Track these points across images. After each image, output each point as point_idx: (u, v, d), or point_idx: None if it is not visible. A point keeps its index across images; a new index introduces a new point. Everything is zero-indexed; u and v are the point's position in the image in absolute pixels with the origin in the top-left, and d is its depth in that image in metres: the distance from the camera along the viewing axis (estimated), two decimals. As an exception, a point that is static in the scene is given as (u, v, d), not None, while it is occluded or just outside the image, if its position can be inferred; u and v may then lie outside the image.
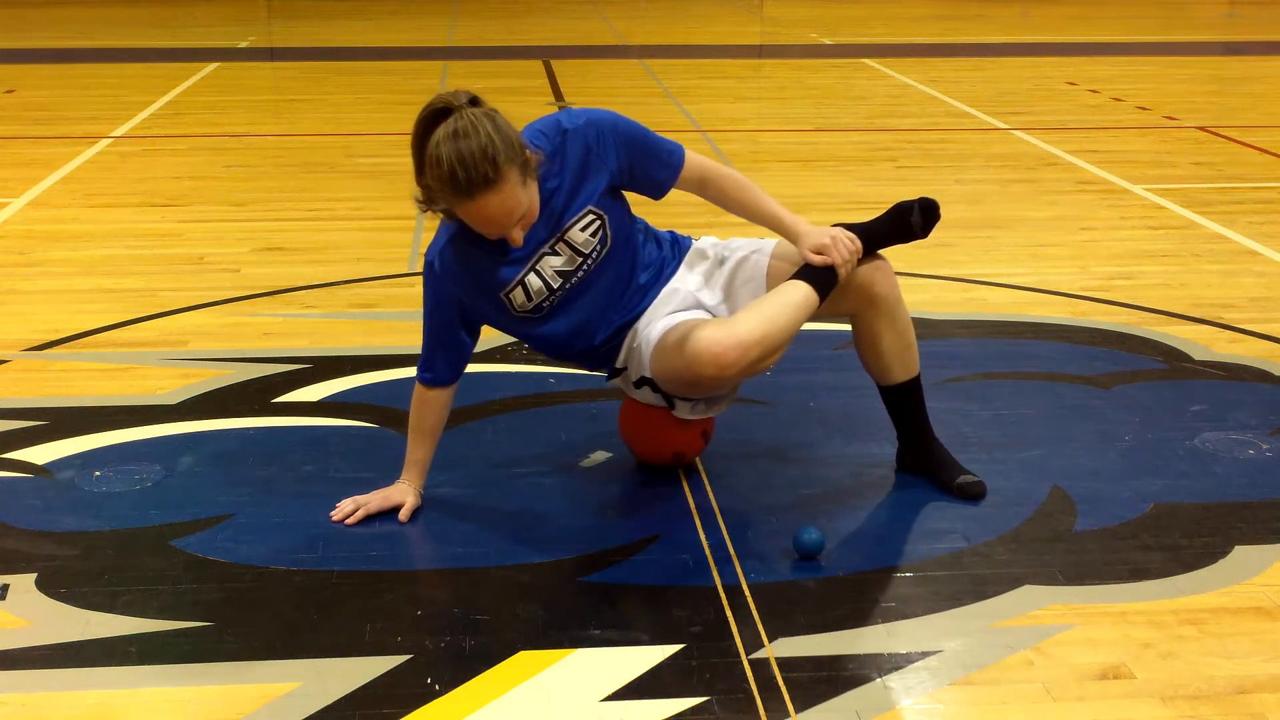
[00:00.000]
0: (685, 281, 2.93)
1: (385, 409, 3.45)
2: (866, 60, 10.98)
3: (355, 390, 3.59)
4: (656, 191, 2.88)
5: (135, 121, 7.96)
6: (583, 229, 2.75)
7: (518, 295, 2.77)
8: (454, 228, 2.74)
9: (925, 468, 3.02)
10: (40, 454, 3.18)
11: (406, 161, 2.68)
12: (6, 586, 2.57)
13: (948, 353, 3.84)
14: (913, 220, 2.96)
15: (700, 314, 2.88)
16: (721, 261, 2.95)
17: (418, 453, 2.91)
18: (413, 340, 3.97)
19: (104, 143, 7.27)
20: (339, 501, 2.87)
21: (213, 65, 10.51)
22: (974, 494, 2.94)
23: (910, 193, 6.01)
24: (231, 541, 2.75)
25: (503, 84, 9.60)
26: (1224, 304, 4.35)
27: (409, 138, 2.63)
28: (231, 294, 4.47)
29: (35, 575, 2.61)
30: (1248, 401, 3.51)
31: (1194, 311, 4.27)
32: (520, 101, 8.77)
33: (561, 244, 2.75)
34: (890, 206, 2.99)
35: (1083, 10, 15.66)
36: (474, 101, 2.61)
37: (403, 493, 2.87)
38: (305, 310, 4.32)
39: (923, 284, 4.60)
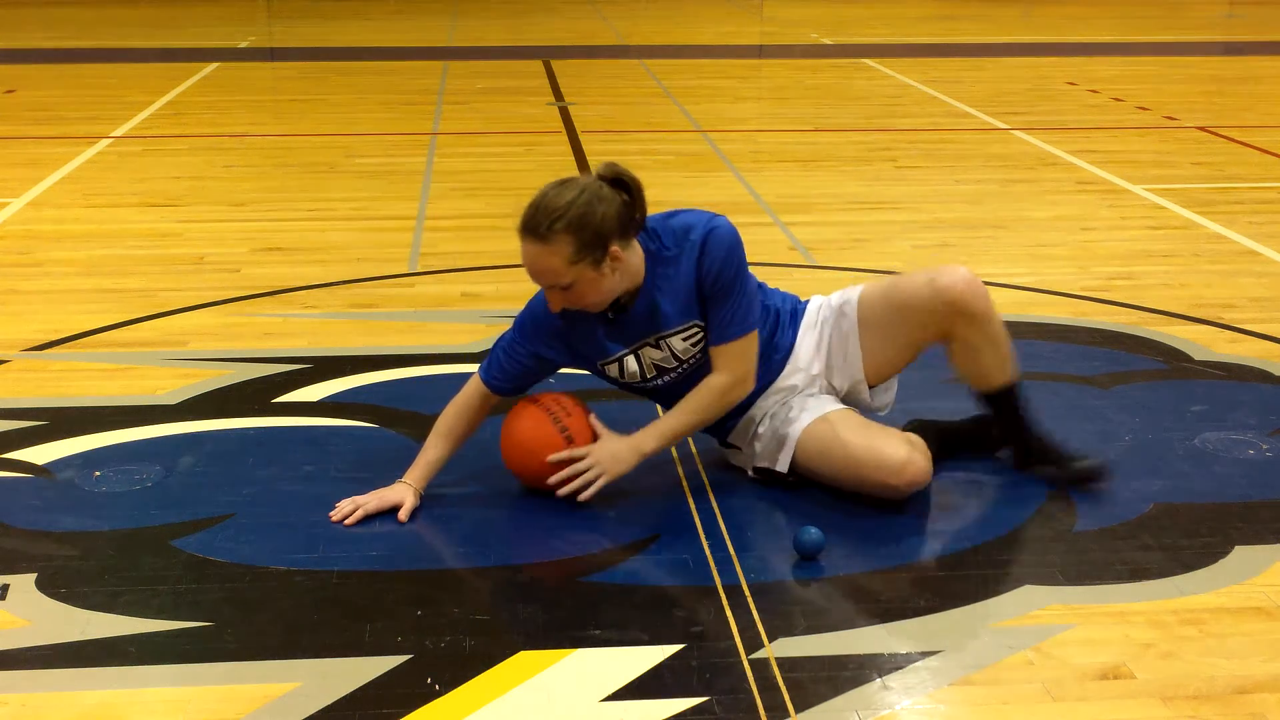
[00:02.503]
0: (799, 358, 2.99)
1: (385, 409, 3.45)
2: (866, 60, 10.98)
3: (355, 390, 3.59)
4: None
5: (135, 121, 7.96)
6: (684, 339, 2.85)
7: (613, 369, 2.92)
8: None
9: (1042, 461, 3.04)
10: (40, 454, 3.18)
11: (406, 161, 2.69)
12: (6, 586, 2.57)
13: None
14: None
15: (832, 403, 2.95)
16: (825, 323, 3.01)
17: (430, 453, 2.91)
18: (413, 340, 3.99)
19: (104, 143, 7.27)
20: (338, 501, 2.87)
21: (213, 65, 10.51)
22: (1094, 477, 2.97)
23: (910, 192, 6.04)
24: (231, 541, 2.74)
25: (503, 84, 9.61)
26: (1224, 304, 4.35)
27: (409, 138, 2.65)
28: (231, 294, 4.47)
29: (35, 575, 2.61)
30: (1248, 401, 3.51)
31: (1194, 311, 4.27)
32: (520, 101, 8.78)
33: (664, 343, 2.86)
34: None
35: (1083, 10, 15.66)
36: (616, 180, 2.71)
37: (401, 493, 2.86)
38: (305, 310, 4.32)
39: (923, 284, 4.59)
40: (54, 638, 2.40)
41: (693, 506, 2.92)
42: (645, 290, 2.80)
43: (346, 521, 2.81)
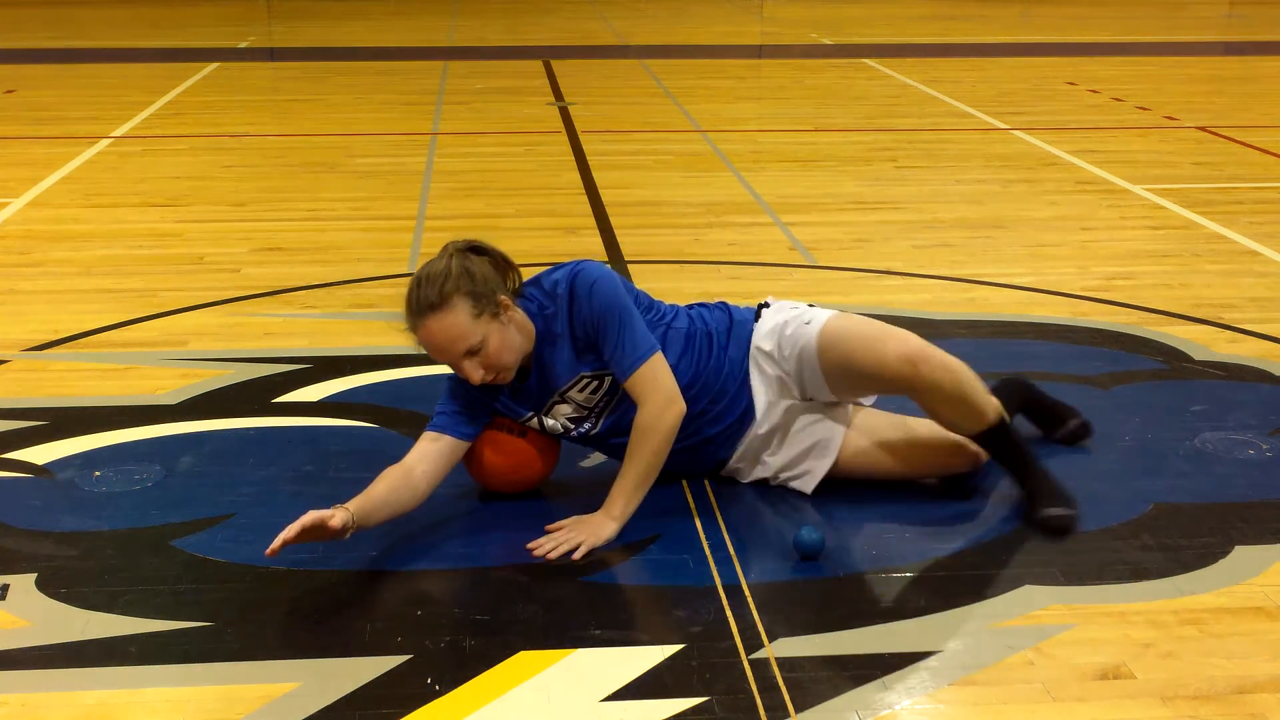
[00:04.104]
0: (759, 407, 2.94)
1: (385, 409, 3.45)
2: (866, 60, 10.98)
3: (355, 390, 3.59)
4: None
5: (135, 121, 7.96)
6: (580, 390, 2.85)
7: (535, 424, 2.92)
8: None
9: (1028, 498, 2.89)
10: (40, 454, 3.18)
11: (406, 161, 2.70)
12: (6, 586, 2.57)
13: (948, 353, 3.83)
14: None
15: (840, 416, 2.96)
16: (784, 359, 2.94)
17: (375, 489, 2.69)
18: (413, 340, 3.98)
19: (104, 143, 7.27)
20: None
21: (213, 65, 10.51)
22: (1056, 529, 2.79)
23: (910, 193, 6.04)
24: (231, 541, 2.74)
25: (503, 84, 9.61)
26: (1224, 304, 4.35)
27: (409, 138, 2.66)
28: (231, 294, 4.47)
29: (35, 575, 2.61)
30: (1248, 401, 3.51)
31: (1194, 311, 4.27)
32: (520, 102, 8.78)
33: (566, 396, 2.87)
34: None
35: (1083, 10, 15.66)
36: (475, 248, 2.77)
37: (331, 511, 2.55)
38: (305, 310, 4.33)
39: (923, 284, 4.60)
40: (54, 638, 2.40)
41: (693, 506, 2.92)
42: (535, 353, 2.82)
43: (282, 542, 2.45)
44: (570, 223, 5.45)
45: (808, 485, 2.95)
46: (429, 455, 2.79)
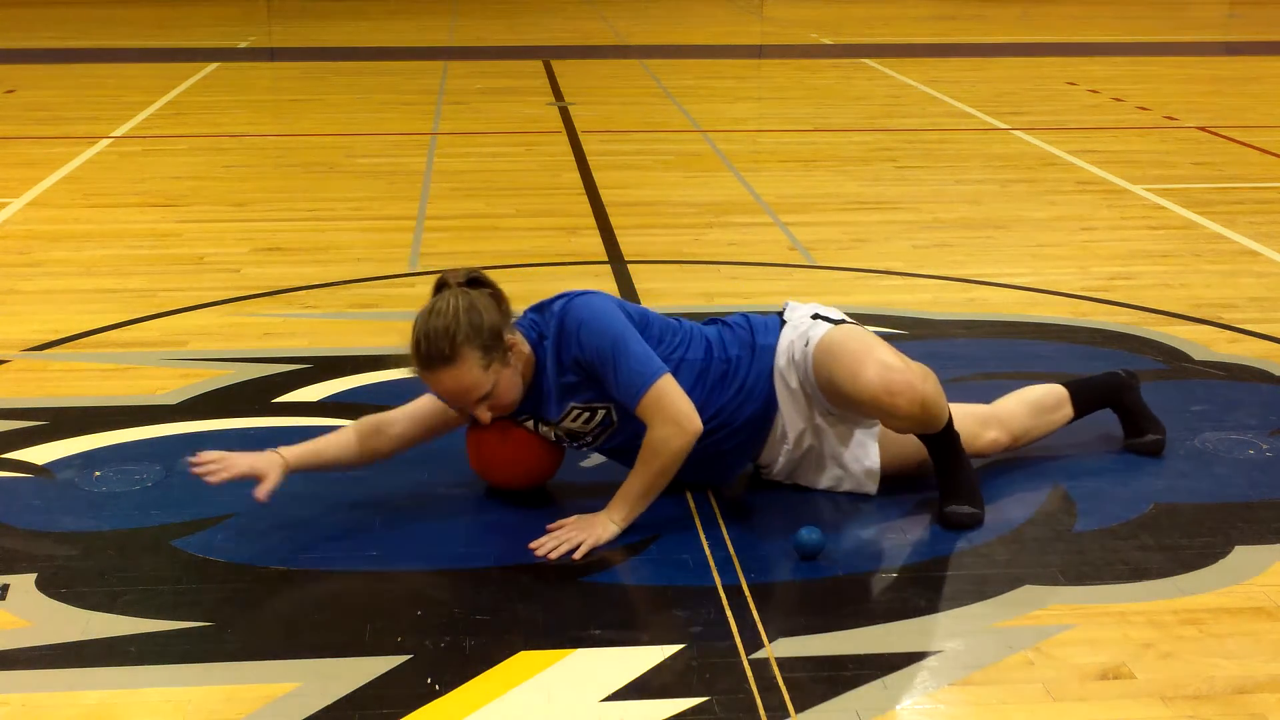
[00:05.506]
0: (788, 428, 2.91)
1: (385, 409, 3.44)
2: (866, 60, 10.98)
3: (355, 390, 3.59)
4: None
5: (135, 121, 7.96)
6: (573, 420, 2.83)
7: (530, 426, 2.90)
8: None
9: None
10: (40, 454, 3.18)
11: (406, 161, 2.69)
12: (6, 586, 2.57)
13: (948, 353, 3.84)
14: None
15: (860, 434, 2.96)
16: (802, 382, 2.88)
17: (325, 445, 2.81)
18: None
19: (104, 143, 7.27)
20: (204, 453, 2.69)
21: (213, 65, 10.51)
22: (958, 525, 2.83)
23: (910, 193, 6.04)
24: (231, 541, 2.74)
25: (503, 84, 9.61)
26: (1224, 304, 4.35)
27: (409, 138, 2.64)
28: (231, 294, 4.47)
29: (35, 575, 2.61)
30: (1248, 401, 3.51)
31: (1194, 311, 4.27)
32: (520, 101, 8.79)
33: (559, 429, 2.86)
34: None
35: (1083, 10, 15.66)
36: (473, 281, 2.73)
37: (267, 465, 2.70)
38: (305, 310, 4.33)
39: (923, 284, 4.60)
40: (54, 638, 2.40)
41: (693, 506, 2.92)
42: (533, 381, 2.80)
43: (210, 479, 2.65)
44: (570, 223, 5.45)
45: (871, 490, 2.97)
46: (415, 418, 2.85)
